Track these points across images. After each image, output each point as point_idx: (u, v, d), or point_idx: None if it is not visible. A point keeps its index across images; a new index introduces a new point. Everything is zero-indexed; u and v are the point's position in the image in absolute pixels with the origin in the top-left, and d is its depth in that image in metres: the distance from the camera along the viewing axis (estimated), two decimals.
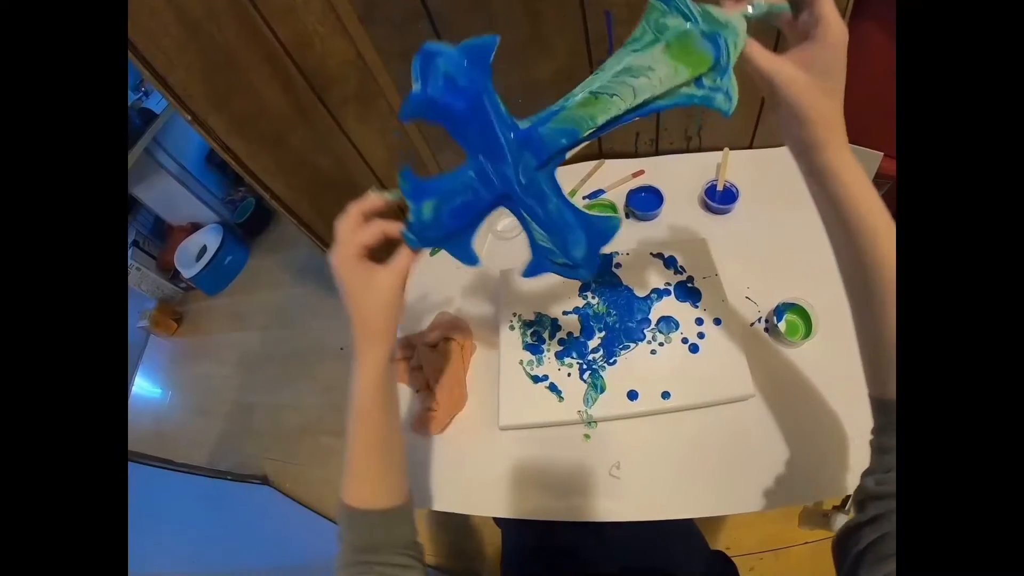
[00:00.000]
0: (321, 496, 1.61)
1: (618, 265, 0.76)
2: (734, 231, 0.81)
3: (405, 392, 0.75)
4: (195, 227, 2.35)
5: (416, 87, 0.41)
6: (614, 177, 0.93)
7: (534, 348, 0.71)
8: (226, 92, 0.73)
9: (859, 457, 0.58)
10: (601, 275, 0.74)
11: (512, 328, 0.73)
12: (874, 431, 0.40)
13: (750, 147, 0.93)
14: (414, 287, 0.86)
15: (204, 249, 2.25)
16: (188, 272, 2.21)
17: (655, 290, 0.72)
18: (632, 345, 0.68)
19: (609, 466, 0.63)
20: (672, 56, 0.36)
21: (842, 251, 0.40)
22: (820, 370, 0.65)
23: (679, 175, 0.90)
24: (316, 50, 0.77)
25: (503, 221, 0.91)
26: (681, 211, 0.86)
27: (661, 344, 0.68)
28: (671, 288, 0.72)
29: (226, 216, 2.40)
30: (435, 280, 0.86)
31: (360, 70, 0.83)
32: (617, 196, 0.89)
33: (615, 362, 0.68)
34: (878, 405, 0.40)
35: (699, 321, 0.69)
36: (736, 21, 0.36)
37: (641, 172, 0.92)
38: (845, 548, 0.36)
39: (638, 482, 0.62)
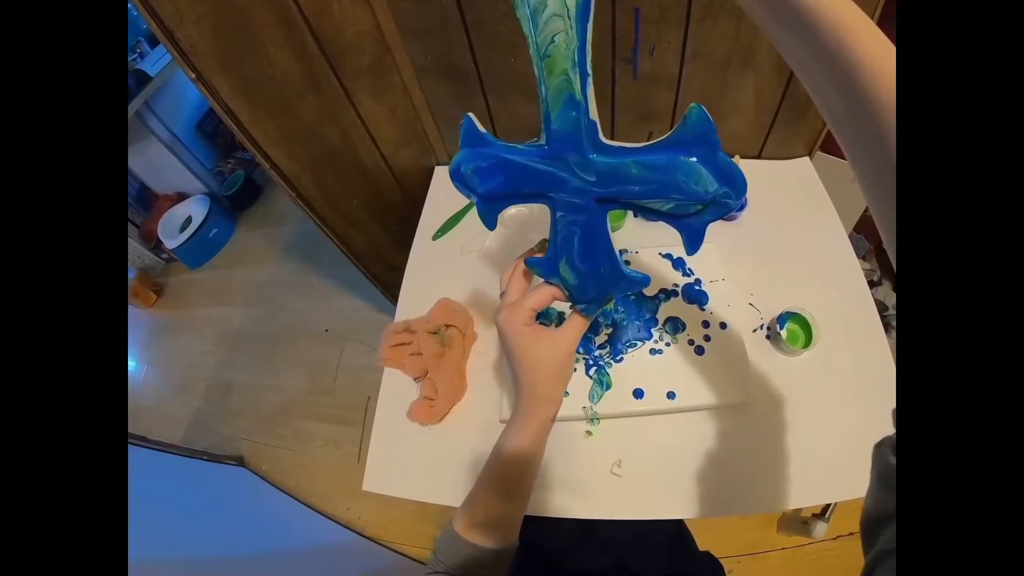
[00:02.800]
0: (297, 480, 1.58)
1: (627, 263, 0.75)
2: (740, 239, 0.81)
3: (402, 379, 0.73)
4: (181, 197, 2.28)
5: (473, 200, 0.43)
6: None
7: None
8: (236, 52, 0.69)
9: (850, 465, 0.58)
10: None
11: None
12: None
13: (759, 157, 0.93)
14: (417, 274, 0.84)
15: (189, 220, 2.18)
16: (171, 243, 2.14)
17: (663, 290, 0.72)
18: (639, 343, 0.68)
19: (610, 464, 0.63)
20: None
21: (833, 98, 0.32)
22: (818, 379, 0.66)
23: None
24: (334, 16, 0.74)
25: (509, 210, 0.89)
26: None
27: (668, 344, 0.68)
28: (679, 289, 0.72)
29: (214, 188, 2.33)
30: (438, 266, 0.85)
31: (377, 43, 0.80)
32: None
33: (621, 359, 0.67)
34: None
35: (705, 324, 0.69)
36: None
37: None
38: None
39: (639, 481, 0.62)
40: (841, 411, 0.64)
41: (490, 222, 0.44)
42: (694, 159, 0.34)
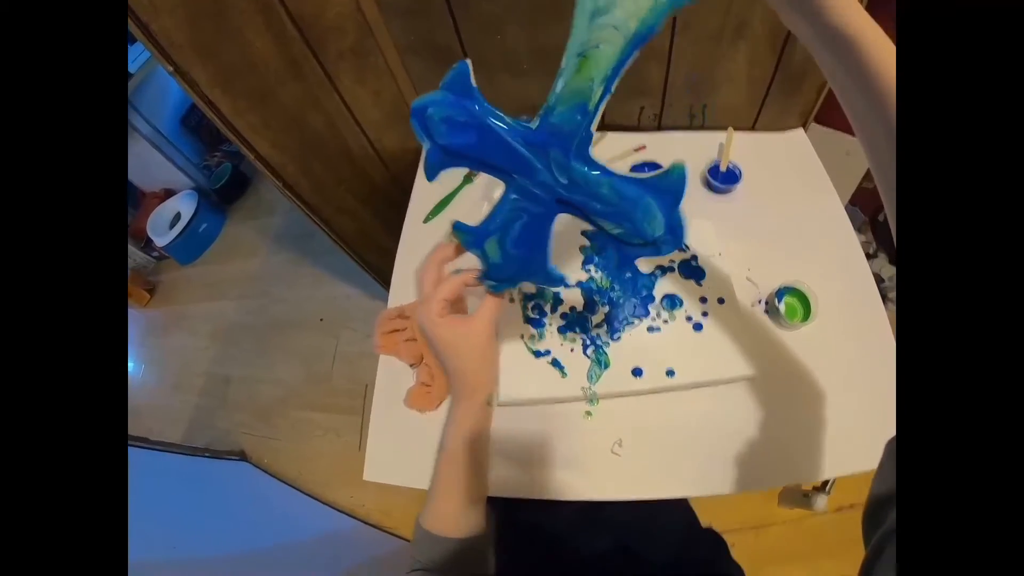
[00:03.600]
0: (300, 471, 1.59)
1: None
2: (736, 212, 0.80)
3: (398, 366, 0.73)
4: (168, 193, 2.24)
5: (425, 145, 0.40)
6: (615, 150, 0.91)
7: (535, 322, 0.69)
8: (213, 42, 0.67)
9: (852, 438, 0.58)
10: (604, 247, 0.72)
11: (512, 300, 0.71)
12: None
13: (752, 129, 0.92)
14: (408, 259, 0.83)
15: (178, 216, 2.16)
16: (161, 240, 2.12)
17: (659, 267, 0.71)
18: (636, 321, 0.67)
19: (610, 444, 0.62)
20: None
21: (865, 113, 0.34)
22: (817, 353, 0.66)
23: (681, 152, 0.85)
24: None
25: (499, 189, 0.88)
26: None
27: (665, 321, 0.67)
28: (675, 265, 0.71)
29: (201, 182, 2.30)
30: (429, 247, 0.83)
31: (359, 24, 0.78)
32: (619, 169, 0.87)
33: (619, 338, 0.66)
34: None
35: (703, 300, 0.68)
36: None
37: (643, 147, 0.90)
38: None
39: (639, 460, 0.62)
40: (841, 384, 0.63)
41: (433, 174, 0.41)
42: (655, 203, 0.38)
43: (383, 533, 1.44)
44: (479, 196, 0.88)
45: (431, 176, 0.41)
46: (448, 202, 0.88)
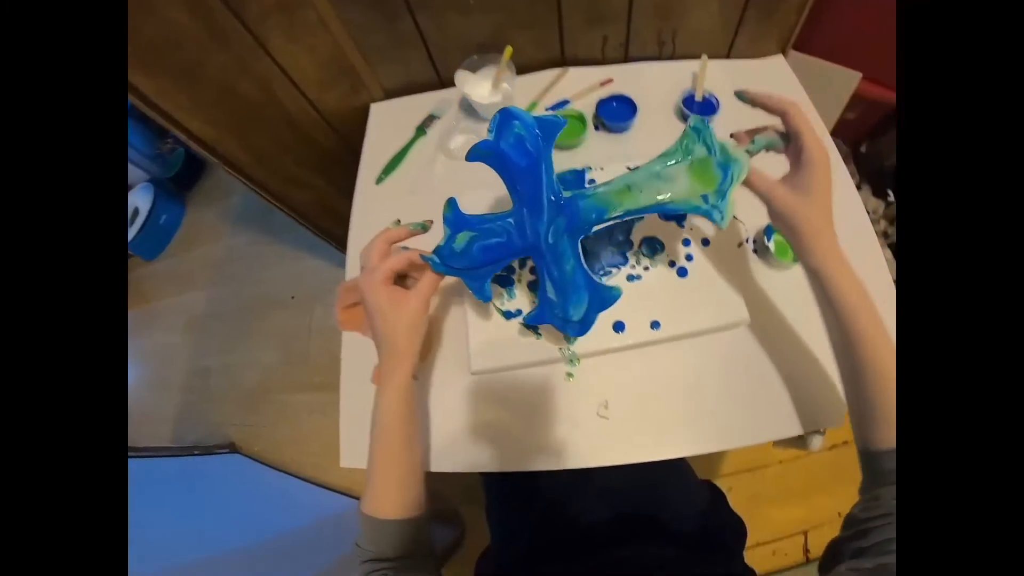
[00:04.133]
0: (291, 456, 1.56)
1: (592, 181, 0.68)
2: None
3: (364, 342, 0.66)
4: None
5: (491, 137, 0.48)
6: (580, 86, 0.83)
7: (503, 280, 0.63)
8: (128, 24, 0.59)
9: None
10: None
11: None
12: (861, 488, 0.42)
13: (728, 56, 0.84)
14: (363, 224, 0.76)
15: (136, 212, 2.03)
16: None
17: None
18: (614, 271, 0.61)
19: (596, 406, 0.58)
20: (692, 174, 0.46)
21: (831, 326, 0.45)
22: (810, 294, 0.60)
23: (653, 84, 0.81)
24: None
25: (456, 139, 0.80)
26: (657, 122, 0.77)
27: (646, 268, 0.61)
28: None
29: (156, 172, 2.16)
30: (385, 211, 0.76)
31: None
32: (585, 106, 0.79)
33: None
34: (863, 457, 0.43)
35: (686, 242, 0.62)
36: (743, 157, 0.45)
37: (610, 81, 0.83)
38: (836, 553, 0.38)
39: (628, 422, 0.57)
40: None
41: (474, 157, 0.49)
42: (589, 299, 0.50)
43: None
44: (432, 148, 0.80)
45: (472, 158, 0.48)
46: (401, 159, 0.80)
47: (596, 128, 0.78)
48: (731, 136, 0.49)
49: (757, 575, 0.63)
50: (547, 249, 0.48)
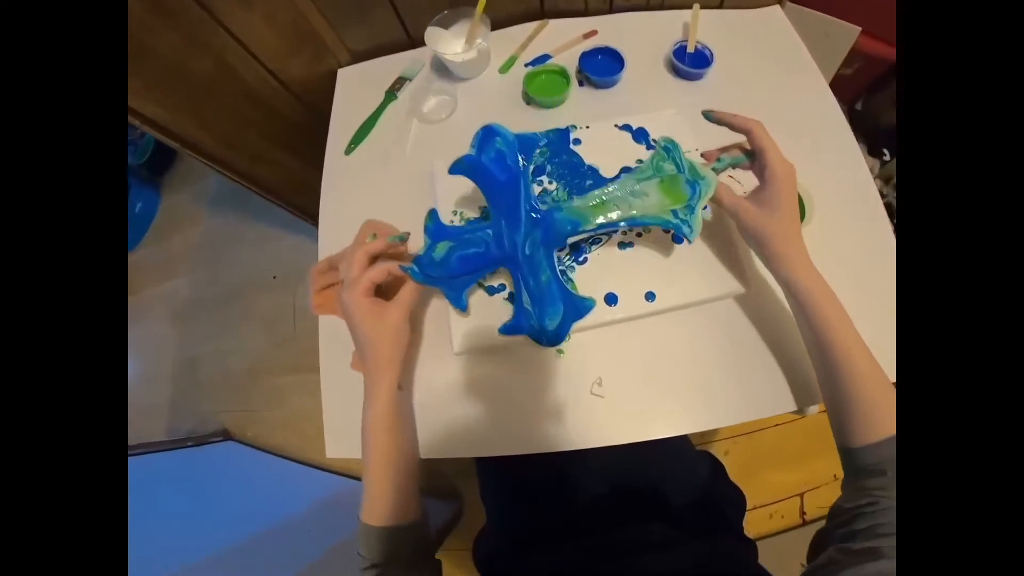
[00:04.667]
0: (285, 439, 1.56)
1: (577, 141, 0.62)
2: (710, 100, 0.67)
3: (341, 326, 0.62)
4: None
5: (472, 151, 0.52)
6: (561, 39, 0.77)
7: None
8: None
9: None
10: (557, 151, 0.62)
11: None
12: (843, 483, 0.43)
13: (720, 7, 0.78)
14: (334, 198, 0.70)
15: None
16: None
17: (625, 169, 0.60)
18: (603, 238, 0.57)
19: (589, 384, 0.54)
20: (663, 190, 0.48)
21: (805, 333, 0.47)
22: (817, 255, 0.57)
23: (640, 35, 0.75)
24: None
25: (429, 101, 0.74)
26: (645, 76, 0.72)
27: (639, 235, 0.56)
28: None
29: (128, 160, 2.08)
30: (357, 184, 0.70)
31: None
32: (567, 60, 0.73)
33: (585, 260, 0.56)
34: (844, 455, 0.44)
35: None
36: (710, 176, 0.48)
37: (594, 33, 0.76)
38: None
39: (623, 400, 0.54)
40: (841, 294, 0.55)
41: (456, 170, 0.53)
42: (564, 310, 0.50)
43: None
44: (404, 113, 0.74)
45: (453, 171, 0.52)
46: (371, 126, 0.74)
47: (580, 84, 0.72)
48: (701, 154, 0.54)
49: (756, 546, 0.62)
50: (524, 260, 0.50)
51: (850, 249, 0.57)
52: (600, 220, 0.49)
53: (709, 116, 0.51)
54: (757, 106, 0.66)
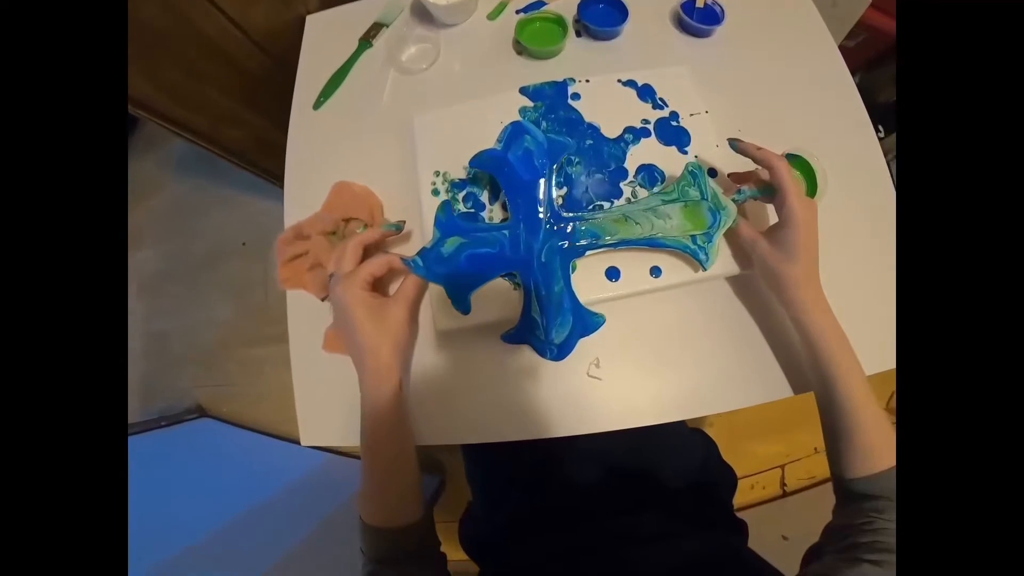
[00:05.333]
0: (262, 413, 1.54)
1: (576, 96, 0.56)
2: (719, 59, 0.62)
3: (312, 302, 0.57)
4: None
5: (498, 146, 0.50)
6: None
7: (471, 218, 0.53)
8: None
9: (871, 335, 0.47)
10: (553, 106, 0.56)
11: (436, 193, 0.54)
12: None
13: None
14: (301, 159, 0.63)
15: None
16: None
17: (630, 129, 0.54)
18: (606, 205, 0.51)
19: (586, 365, 0.50)
20: (685, 215, 0.48)
21: (808, 365, 0.47)
22: (826, 236, 0.53)
23: None
24: None
25: (409, 50, 0.67)
26: (650, 29, 0.65)
27: (644, 198, 0.51)
28: (651, 127, 0.54)
29: None
30: (326, 142, 0.63)
31: None
32: (564, 8, 0.66)
33: None
34: (839, 485, 0.44)
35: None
36: (731, 207, 0.48)
37: None
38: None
39: (621, 382, 0.50)
40: (850, 277, 0.51)
41: (477, 164, 0.50)
42: (573, 322, 0.48)
43: (358, 460, 1.39)
44: (380, 63, 0.66)
45: (475, 165, 0.50)
46: (342, 78, 0.66)
47: (578, 34, 0.65)
48: (727, 175, 0.53)
49: (747, 526, 0.61)
50: (539, 267, 0.47)
51: (862, 229, 0.54)
52: (622, 235, 0.48)
53: (734, 145, 0.49)
54: (771, 67, 0.62)
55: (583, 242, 0.48)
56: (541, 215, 0.48)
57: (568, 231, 0.48)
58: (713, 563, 0.47)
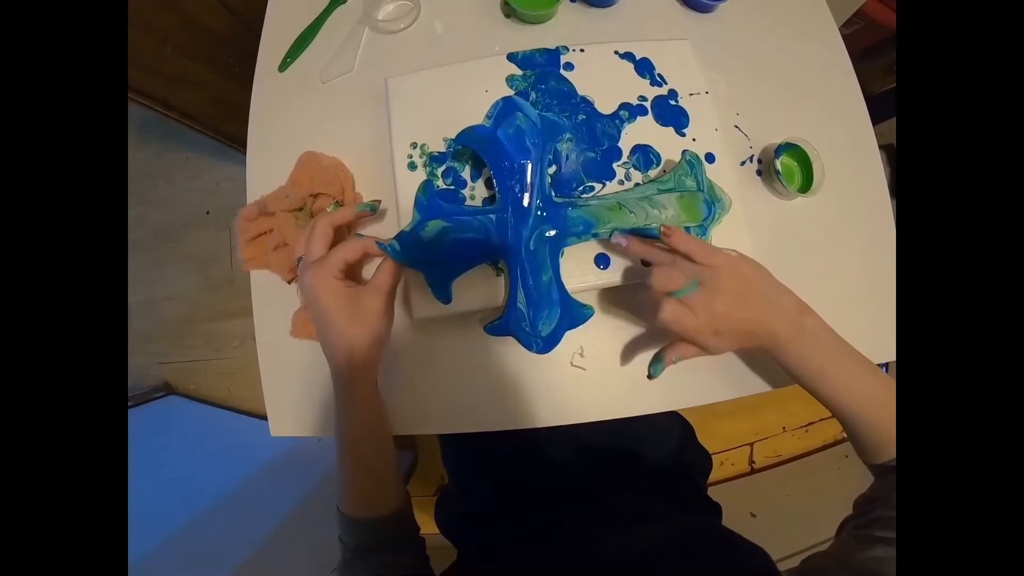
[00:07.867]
0: (230, 388, 1.52)
1: (569, 66, 0.52)
2: (719, 37, 0.59)
3: (277, 283, 0.53)
4: None
5: (487, 123, 0.48)
6: None
7: (452, 197, 0.49)
8: None
9: (870, 325, 0.46)
10: (544, 75, 0.52)
11: (413, 167, 0.50)
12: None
13: None
14: (265, 126, 0.58)
15: None
16: None
17: (625, 105, 0.51)
18: (597, 187, 0.48)
19: (570, 354, 0.49)
20: (681, 206, 0.46)
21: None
22: (820, 229, 0.52)
23: None
24: None
25: (386, 7, 0.61)
26: None
27: (638, 185, 0.49)
28: (648, 104, 0.51)
29: None
30: (292, 108, 0.58)
31: None
32: None
33: None
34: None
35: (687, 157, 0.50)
36: (726, 199, 0.48)
37: None
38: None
39: (607, 373, 0.49)
40: (850, 268, 0.51)
41: (463, 140, 0.47)
42: (561, 314, 0.45)
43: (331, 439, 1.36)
44: (354, 21, 0.60)
45: (460, 142, 0.47)
46: (311, 37, 0.60)
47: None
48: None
49: (720, 507, 0.63)
50: (527, 256, 0.44)
51: (857, 226, 0.53)
52: (615, 224, 0.45)
53: (620, 244, 0.45)
54: (773, 50, 0.59)
55: (575, 230, 0.45)
56: (530, 200, 0.45)
57: (559, 218, 0.45)
58: (691, 542, 0.47)
